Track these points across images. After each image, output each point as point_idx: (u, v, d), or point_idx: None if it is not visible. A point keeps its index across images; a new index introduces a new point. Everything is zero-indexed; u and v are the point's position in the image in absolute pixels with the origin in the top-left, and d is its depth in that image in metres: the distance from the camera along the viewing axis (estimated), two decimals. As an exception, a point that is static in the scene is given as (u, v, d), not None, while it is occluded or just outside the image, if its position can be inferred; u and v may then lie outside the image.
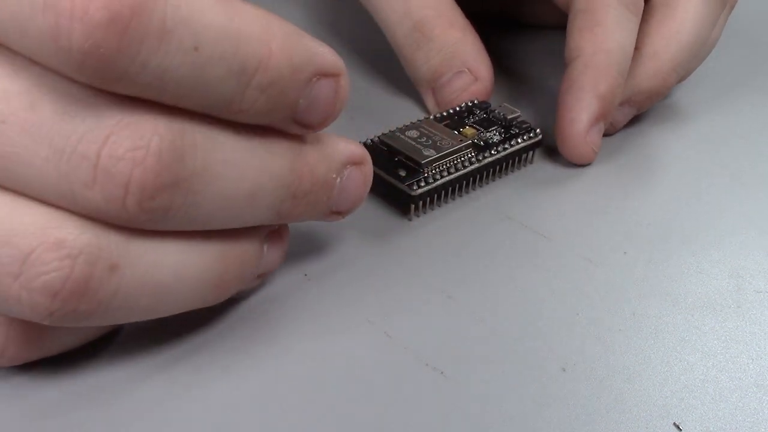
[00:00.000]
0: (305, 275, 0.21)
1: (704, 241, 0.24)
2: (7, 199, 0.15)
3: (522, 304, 0.21)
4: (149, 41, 0.14)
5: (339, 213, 0.20)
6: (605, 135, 0.27)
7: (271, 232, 0.19)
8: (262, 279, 0.20)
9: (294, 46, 0.16)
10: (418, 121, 0.26)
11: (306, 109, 0.17)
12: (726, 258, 0.23)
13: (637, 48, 0.27)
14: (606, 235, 0.24)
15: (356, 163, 0.19)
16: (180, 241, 0.16)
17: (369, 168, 0.20)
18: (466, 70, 0.28)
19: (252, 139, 0.16)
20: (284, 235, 0.20)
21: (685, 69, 0.27)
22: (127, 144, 0.14)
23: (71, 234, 0.15)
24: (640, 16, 0.26)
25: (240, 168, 0.16)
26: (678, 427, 0.18)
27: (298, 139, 0.18)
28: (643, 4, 0.26)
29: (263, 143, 0.17)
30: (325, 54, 0.17)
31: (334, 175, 0.18)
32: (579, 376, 0.19)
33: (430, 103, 0.29)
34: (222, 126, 0.16)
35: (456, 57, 0.28)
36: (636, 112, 0.28)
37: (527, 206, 0.25)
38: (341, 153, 0.19)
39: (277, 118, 0.17)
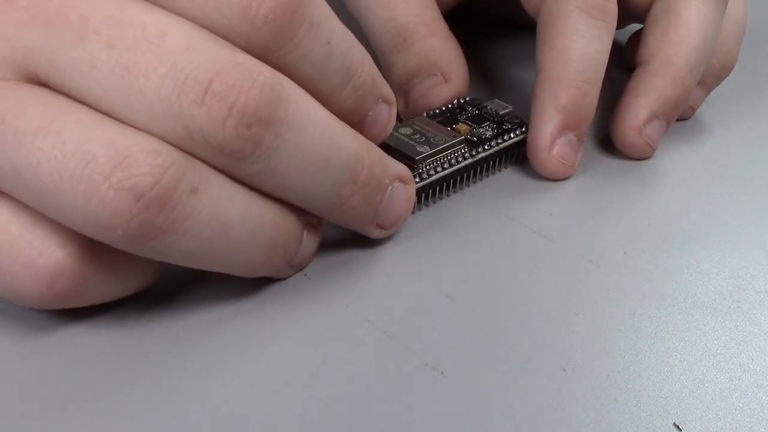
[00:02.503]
0: (305, 275, 0.22)
1: (704, 241, 0.24)
2: (116, 122, 0.17)
3: (522, 304, 0.21)
4: (305, 26, 0.18)
5: (382, 227, 0.22)
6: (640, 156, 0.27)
7: (309, 224, 0.21)
8: (294, 270, 0.21)
9: (374, 67, 0.20)
10: (412, 118, 0.26)
11: (371, 122, 0.21)
12: (726, 258, 0.23)
13: (650, 59, 0.27)
14: (606, 235, 0.24)
15: (404, 181, 0.22)
16: (247, 192, 0.18)
17: (413, 189, 0.22)
18: (438, 73, 0.28)
19: (332, 116, 0.19)
20: (320, 229, 0.21)
21: (700, 72, 0.27)
22: (237, 76, 0.17)
23: (166, 148, 0.17)
24: (612, 21, 0.26)
25: (321, 130, 0.18)
26: (678, 427, 0.18)
27: (364, 139, 0.20)
28: (614, 8, 0.26)
29: (340, 123, 0.19)
30: (386, 83, 0.21)
31: (387, 181, 0.21)
32: (579, 376, 0.19)
33: (400, 105, 0.29)
34: (311, 98, 0.19)
35: (431, 62, 0.28)
36: (667, 126, 0.27)
37: (527, 206, 0.25)
38: (395, 166, 0.21)
39: (351, 121, 0.20)
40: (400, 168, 0.22)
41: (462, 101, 0.28)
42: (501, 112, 0.27)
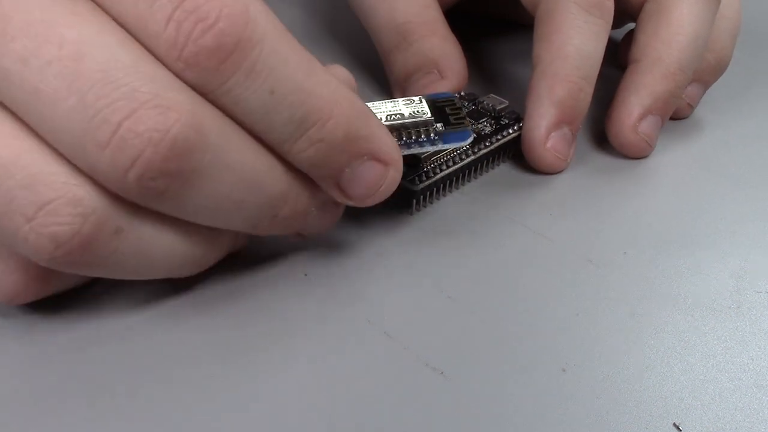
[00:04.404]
0: (305, 275, 0.21)
1: (704, 241, 0.24)
2: (36, 143, 0.16)
3: (522, 304, 0.21)
4: (239, 74, 0.16)
5: (300, 236, 0.21)
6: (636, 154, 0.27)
7: (237, 239, 0.20)
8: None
9: (354, 121, 0.18)
10: None
11: (350, 179, 0.19)
12: (726, 258, 0.23)
13: (641, 57, 0.27)
14: (606, 235, 0.24)
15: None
16: (174, 225, 0.18)
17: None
18: (436, 71, 0.28)
19: (260, 156, 0.18)
20: (243, 242, 0.21)
21: (692, 68, 0.27)
22: (149, 123, 0.16)
23: (89, 194, 0.16)
24: (609, 19, 0.26)
25: (238, 177, 0.17)
26: (678, 428, 0.18)
27: (293, 169, 0.19)
28: (611, 6, 0.26)
29: (268, 162, 0.18)
30: (383, 140, 0.19)
31: (313, 209, 0.20)
32: (579, 376, 0.19)
33: None
34: (241, 135, 0.17)
35: (430, 60, 0.28)
36: (662, 123, 0.28)
37: (527, 206, 0.25)
38: (322, 194, 0.20)
39: (321, 174, 0.19)
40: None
41: (458, 96, 0.28)
42: (498, 107, 0.27)
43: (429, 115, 0.23)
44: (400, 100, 0.24)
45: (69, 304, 0.20)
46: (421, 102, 0.24)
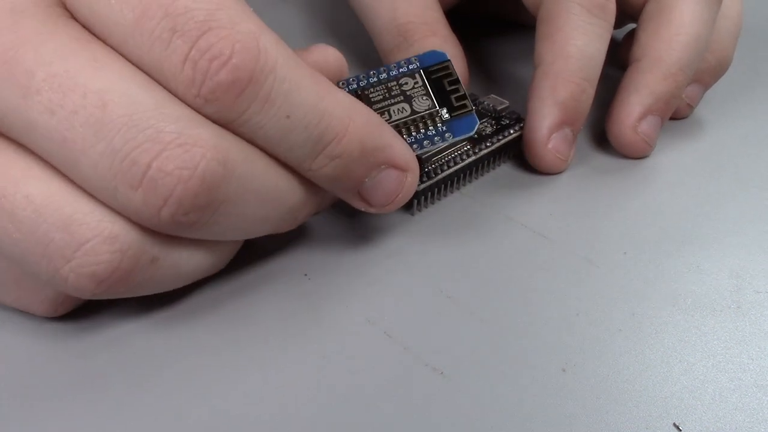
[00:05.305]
0: (305, 275, 0.22)
1: (704, 241, 0.24)
2: (66, 184, 0.17)
3: (522, 304, 0.21)
4: (256, 104, 0.17)
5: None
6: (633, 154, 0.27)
7: None
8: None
9: (369, 133, 0.19)
10: None
11: (370, 188, 0.20)
12: (726, 258, 0.23)
13: (641, 57, 0.27)
14: (606, 235, 0.24)
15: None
16: (204, 244, 0.19)
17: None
18: None
19: (281, 174, 0.19)
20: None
21: (692, 68, 0.27)
22: (177, 162, 0.16)
23: (124, 230, 0.17)
24: (611, 20, 0.26)
25: (263, 198, 0.18)
26: (678, 428, 0.18)
27: (308, 182, 0.20)
28: (614, 7, 0.26)
29: (288, 178, 0.19)
30: (399, 148, 0.20)
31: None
32: (579, 376, 0.19)
33: None
34: (263, 159, 0.18)
35: None
36: (661, 123, 0.28)
37: (527, 206, 0.25)
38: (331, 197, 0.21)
39: (342, 187, 0.20)
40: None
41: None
42: (498, 108, 0.27)
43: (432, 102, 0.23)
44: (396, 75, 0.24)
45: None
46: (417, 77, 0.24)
